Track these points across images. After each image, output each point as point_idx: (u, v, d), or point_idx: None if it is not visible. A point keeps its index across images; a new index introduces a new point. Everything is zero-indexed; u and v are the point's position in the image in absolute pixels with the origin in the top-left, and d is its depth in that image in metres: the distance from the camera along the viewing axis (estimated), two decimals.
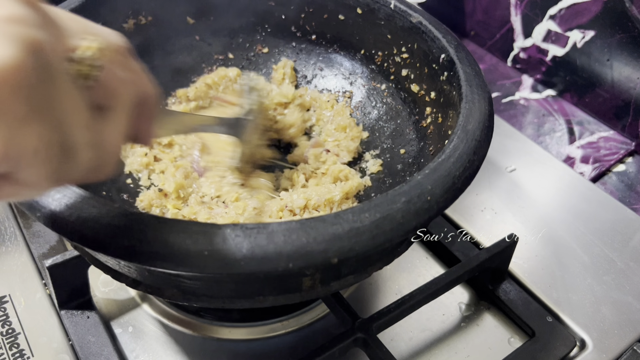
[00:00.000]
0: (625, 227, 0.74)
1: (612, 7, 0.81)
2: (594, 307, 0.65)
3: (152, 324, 0.63)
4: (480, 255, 0.62)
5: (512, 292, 0.66)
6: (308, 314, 0.65)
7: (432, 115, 0.62)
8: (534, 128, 0.91)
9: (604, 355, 0.61)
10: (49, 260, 0.58)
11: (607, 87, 0.87)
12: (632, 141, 0.87)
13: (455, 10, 1.06)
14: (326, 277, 0.46)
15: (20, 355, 0.57)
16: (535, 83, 0.98)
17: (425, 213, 0.42)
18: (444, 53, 0.59)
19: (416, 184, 0.43)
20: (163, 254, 0.38)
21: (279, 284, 0.46)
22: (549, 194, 0.78)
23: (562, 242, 0.72)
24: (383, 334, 0.59)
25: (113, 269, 0.49)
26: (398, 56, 0.67)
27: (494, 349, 0.62)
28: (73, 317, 0.60)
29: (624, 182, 0.83)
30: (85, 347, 0.58)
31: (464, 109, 0.51)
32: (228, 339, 0.62)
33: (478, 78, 0.55)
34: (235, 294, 0.46)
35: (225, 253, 0.37)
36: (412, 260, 0.70)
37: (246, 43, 0.76)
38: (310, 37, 0.75)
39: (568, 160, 0.86)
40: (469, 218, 0.74)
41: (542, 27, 0.92)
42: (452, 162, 0.45)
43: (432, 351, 0.62)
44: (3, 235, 0.69)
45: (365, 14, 0.68)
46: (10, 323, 0.60)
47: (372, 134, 0.70)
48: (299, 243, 0.38)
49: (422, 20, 0.62)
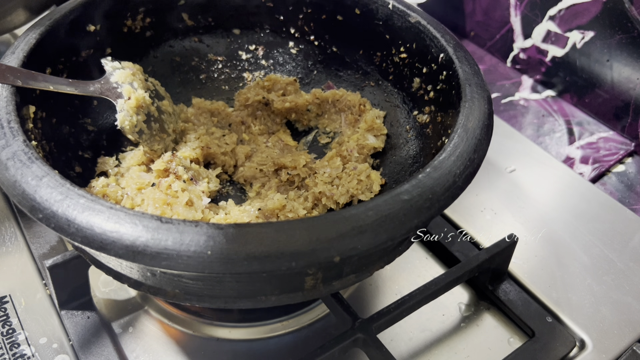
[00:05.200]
0: (624, 228, 0.74)
1: (612, 7, 0.82)
2: (593, 307, 0.65)
3: (152, 324, 0.63)
4: (480, 256, 0.62)
5: (511, 292, 0.66)
6: (308, 314, 0.65)
7: (432, 115, 0.62)
8: (534, 128, 0.91)
9: (604, 355, 0.61)
10: (49, 261, 0.58)
11: (606, 88, 0.88)
12: (631, 142, 0.87)
13: (455, 11, 1.06)
14: (328, 276, 0.46)
15: (21, 355, 0.57)
16: (535, 84, 0.98)
17: (427, 211, 0.42)
18: (443, 52, 0.59)
19: (417, 182, 0.43)
20: (166, 255, 0.38)
21: (281, 283, 0.46)
22: (548, 194, 0.78)
23: (561, 242, 0.72)
24: (383, 334, 0.59)
25: (114, 270, 0.49)
26: (397, 56, 0.67)
27: (493, 349, 0.62)
28: (73, 317, 0.60)
29: (623, 183, 0.83)
30: (86, 347, 0.58)
31: (463, 107, 0.51)
32: (228, 339, 0.62)
33: (477, 77, 0.55)
34: (237, 294, 0.46)
35: (228, 253, 0.38)
36: (412, 261, 0.71)
37: (244, 44, 0.77)
38: (308, 38, 0.75)
39: (568, 160, 0.86)
40: (468, 218, 0.74)
41: (541, 27, 0.93)
42: (453, 161, 0.45)
43: (432, 351, 0.62)
44: (3, 236, 0.69)
45: (364, 14, 0.68)
46: (10, 323, 0.60)
47: None
48: (302, 242, 0.38)
49: (421, 20, 0.62)
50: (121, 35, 0.68)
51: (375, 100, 0.71)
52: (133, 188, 0.59)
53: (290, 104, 0.72)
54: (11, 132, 0.46)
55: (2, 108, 0.48)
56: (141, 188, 0.60)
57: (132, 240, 0.38)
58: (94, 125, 0.65)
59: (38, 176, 0.42)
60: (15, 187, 0.42)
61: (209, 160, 0.68)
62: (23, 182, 0.42)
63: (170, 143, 0.67)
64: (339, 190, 0.62)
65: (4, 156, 0.44)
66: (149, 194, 0.58)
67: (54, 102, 0.59)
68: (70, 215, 0.40)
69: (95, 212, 0.40)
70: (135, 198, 0.59)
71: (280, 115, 0.74)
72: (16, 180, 0.42)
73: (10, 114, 0.48)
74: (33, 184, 0.42)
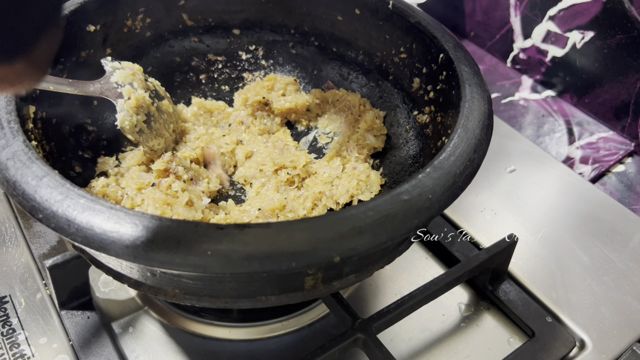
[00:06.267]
0: (624, 228, 0.74)
1: (612, 8, 0.82)
2: (593, 307, 0.65)
3: (152, 324, 0.63)
4: (480, 256, 0.62)
5: (511, 292, 0.66)
6: (308, 314, 0.65)
7: (432, 115, 0.62)
8: (534, 129, 0.91)
9: (604, 355, 0.61)
10: (49, 261, 0.58)
11: (606, 88, 0.88)
12: (631, 142, 0.87)
13: (455, 11, 1.06)
14: (328, 276, 0.46)
15: (21, 355, 0.57)
16: (535, 84, 0.98)
17: (427, 211, 0.42)
18: (443, 52, 0.59)
19: (417, 182, 0.43)
20: (166, 255, 0.38)
21: (281, 283, 0.46)
22: (548, 194, 0.78)
23: (561, 242, 0.72)
24: (383, 334, 0.59)
25: (114, 270, 0.49)
26: (397, 56, 0.67)
27: (493, 349, 0.62)
28: (73, 317, 0.60)
29: (623, 183, 0.83)
30: (86, 347, 0.58)
31: (463, 107, 0.51)
32: (228, 339, 0.62)
33: (477, 77, 0.55)
34: (237, 293, 0.46)
35: (228, 253, 0.38)
36: (412, 261, 0.71)
37: (244, 44, 0.77)
38: (308, 38, 0.75)
39: (567, 160, 0.86)
40: (468, 218, 0.74)
41: (541, 27, 0.93)
42: (453, 161, 0.45)
43: (431, 351, 0.62)
44: (4, 236, 0.69)
45: (364, 14, 0.68)
46: (10, 323, 0.60)
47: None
48: (302, 242, 0.38)
49: (421, 20, 0.62)
50: (121, 35, 0.68)
51: (375, 100, 0.71)
52: (133, 188, 0.59)
53: (290, 104, 0.72)
54: (11, 132, 0.46)
55: (2, 108, 0.48)
56: (141, 188, 0.60)
57: (132, 240, 0.38)
58: (94, 125, 0.65)
59: (38, 176, 0.42)
60: (16, 187, 0.42)
61: (209, 161, 0.68)
62: (23, 182, 0.42)
63: (170, 143, 0.67)
64: (339, 190, 0.62)
65: (4, 156, 0.44)
66: (149, 194, 0.58)
67: (54, 102, 0.59)
68: (70, 215, 0.40)
69: (95, 212, 0.40)
70: (135, 198, 0.58)
71: (280, 115, 0.74)
72: (16, 181, 0.42)
73: (10, 114, 0.48)
74: (33, 184, 0.42)
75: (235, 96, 0.75)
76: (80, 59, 0.64)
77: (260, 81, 0.75)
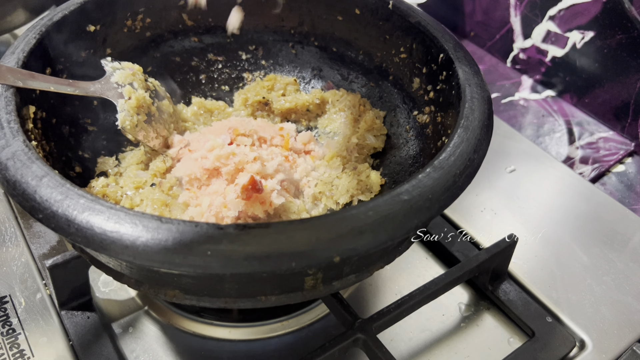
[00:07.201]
0: (624, 228, 0.74)
1: (612, 8, 0.82)
2: (593, 307, 0.65)
3: (152, 324, 0.63)
4: (480, 256, 0.62)
5: (511, 292, 0.66)
6: (308, 314, 0.65)
7: (432, 115, 0.62)
8: (534, 129, 0.91)
9: (604, 355, 0.61)
10: (49, 261, 0.58)
11: (606, 88, 0.88)
12: (631, 142, 0.87)
13: (455, 11, 1.06)
14: (328, 277, 0.46)
15: (21, 356, 0.57)
16: (535, 84, 0.98)
17: (427, 211, 0.42)
18: (443, 52, 0.59)
19: (417, 182, 0.43)
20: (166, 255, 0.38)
21: (281, 283, 0.46)
22: (548, 194, 0.78)
23: (561, 242, 0.72)
24: (383, 334, 0.59)
25: (115, 269, 0.49)
26: (397, 56, 0.67)
27: (493, 349, 0.62)
28: (73, 317, 0.60)
29: (623, 183, 0.83)
30: (85, 347, 0.58)
31: (463, 107, 0.51)
32: (228, 339, 0.62)
33: (477, 77, 0.55)
34: (237, 293, 0.46)
35: (228, 253, 0.38)
36: (412, 261, 0.71)
37: (244, 44, 0.76)
38: (308, 38, 0.75)
39: (568, 160, 0.86)
40: (468, 218, 0.74)
41: (541, 27, 0.93)
42: (453, 161, 0.45)
43: (432, 351, 0.62)
44: (3, 236, 0.69)
45: (364, 14, 0.68)
46: (10, 323, 0.60)
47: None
48: (302, 242, 0.38)
49: (421, 20, 0.62)
50: (121, 36, 0.68)
51: (375, 100, 0.71)
52: (131, 187, 0.59)
53: (290, 104, 0.72)
54: (11, 132, 0.46)
55: (2, 108, 0.48)
56: (139, 187, 0.60)
57: (132, 240, 0.38)
58: (94, 125, 0.65)
59: (38, 176, 0.42)
60: (16, 187, 0.42)
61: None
62: (23, 182, 0.42)
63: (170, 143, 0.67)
64: (339, 190, 0.62)
65: (4, 156, 0.44)
66: (147, 194, 0.58)
67: (54, 102, 0.59)
68: (70, 215, 0.40)
69: (95, 212, 0.40)
70: (135, 198, 0.59)
71: (280, 115, 0.74)
72: (16, 181, 0.42)
73: (11, 114, 0.48)
74: (33, 184, 0.42)
75: (235, 96, 0.75)
76: (80, 59, 0.64)
77: (260, 81, 0.75)
